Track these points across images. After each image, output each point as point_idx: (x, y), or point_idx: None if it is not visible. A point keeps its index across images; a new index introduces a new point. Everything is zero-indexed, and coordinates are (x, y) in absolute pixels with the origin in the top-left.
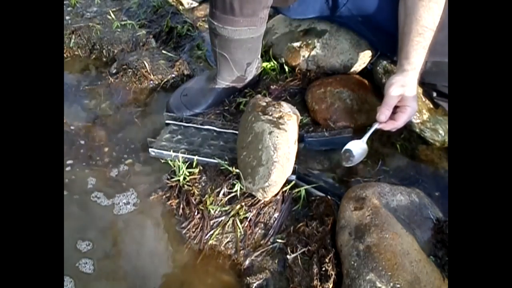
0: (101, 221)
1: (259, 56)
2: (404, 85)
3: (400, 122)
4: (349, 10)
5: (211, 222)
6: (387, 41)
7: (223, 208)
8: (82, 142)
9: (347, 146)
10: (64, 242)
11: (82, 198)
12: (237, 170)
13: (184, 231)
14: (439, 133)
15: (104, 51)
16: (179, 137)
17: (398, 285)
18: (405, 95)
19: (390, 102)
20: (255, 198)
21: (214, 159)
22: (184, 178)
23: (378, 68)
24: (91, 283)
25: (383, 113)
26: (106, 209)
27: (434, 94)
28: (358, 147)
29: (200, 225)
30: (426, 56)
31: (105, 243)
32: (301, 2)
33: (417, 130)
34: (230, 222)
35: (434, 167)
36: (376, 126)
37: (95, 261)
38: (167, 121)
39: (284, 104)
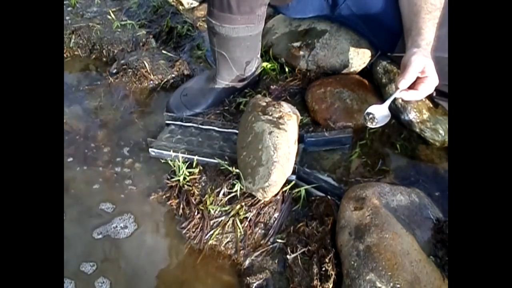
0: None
1: (259, 56)
2: (425, 56)
3: (421, 92)
4: (349, 7)
5: (211, 222)
6: (387, 39)
7: (223, 208)
8: (82, 142)
9: (369, 110)
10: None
11: (80, 206)
12: (237, 170)
13: (184, 231)
14: (439, 133)
15: (104, 51)
16: (179, 137)
17: (398, 285)
18: (428, 65)
19: (413, 70)
20: (255, 198)
21: (214, 159)
22: (184, 178)
23: (378, 68)
24: (91, 284)
25: (406, 80)
26: (105, 219)
27: (434, 94)
28: (381, 111)
29: (200, 225)
30: (435, 35)
31: (106, 248)
32: (300, 0)
33: (417, 130)
34: (230, 222)
35: (434, 167)
36: (397, 93)
37: (97, 262)
38: (167, 121)
39: (284, 104)
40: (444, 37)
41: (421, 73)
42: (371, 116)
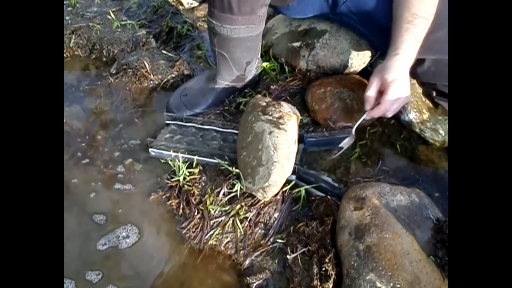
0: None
1: (259, 56)
2: (383, 69)
3: (383, 105)
4: (349, 8)
5: (211, 222)
6: (386, 40)
7: (223, 208)
8: (82, 142)
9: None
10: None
11: (81, 206)
12: (237, 170)
13: (184, 231)
14: (439, 133)
15: (104, 51)
16: (179, 137)
17: (398, 285)
18: (384, 78)
19: (370, 91)
20: (255, 198)
21: (214, 159)
22: (184, 178)
23: None
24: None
25: (367, 101)
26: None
27: (434, 94)
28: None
29: (200, 225)
30: (418, 46)
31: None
32: (300, 1)
33: (417, 130)
34: (230, 222)
35: (434, 167)
36: (364, 116)
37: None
38: (167, 121)
39: (284, 104)
40: (444, 38)
41: (382, 87)
42: (335, 151)
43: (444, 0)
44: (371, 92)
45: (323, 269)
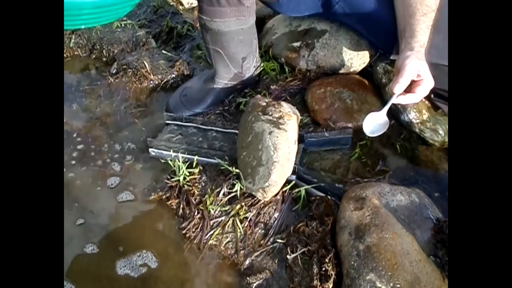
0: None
1: (258, 55)
2: (419, 59)
3: (418, 94)
4: (343, 8)
5: (211, 222)
6: (383, 39)
7: (223, 208)
8: (82, 142)
9: (367, 118)
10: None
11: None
12: (237, 170)
13: (184, 231)
14: (439, 134)
15: (104, 51)
16: (179, 137)
17: (398, 285)
18: (422, 68)
19: (407, 74)
20: (255, 198)
21: (214, 159)
22: (184, 178)
23: (378, 68)
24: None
25: (401, 84)
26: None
27: (432, 96)
28: (379, 119)
29: (200, 225)
30: (429, 37)
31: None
32: None
33: (417, 130)
34: (230, 222)
35: (434, 167)
36: (394, 98)
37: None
38: (167, 121)
39: (284, 104)
40: (442, 43)
41: (416, 76)
42: (368, 124)
43: (440, 6)
44: (407, 79)
45: (323, 269)
